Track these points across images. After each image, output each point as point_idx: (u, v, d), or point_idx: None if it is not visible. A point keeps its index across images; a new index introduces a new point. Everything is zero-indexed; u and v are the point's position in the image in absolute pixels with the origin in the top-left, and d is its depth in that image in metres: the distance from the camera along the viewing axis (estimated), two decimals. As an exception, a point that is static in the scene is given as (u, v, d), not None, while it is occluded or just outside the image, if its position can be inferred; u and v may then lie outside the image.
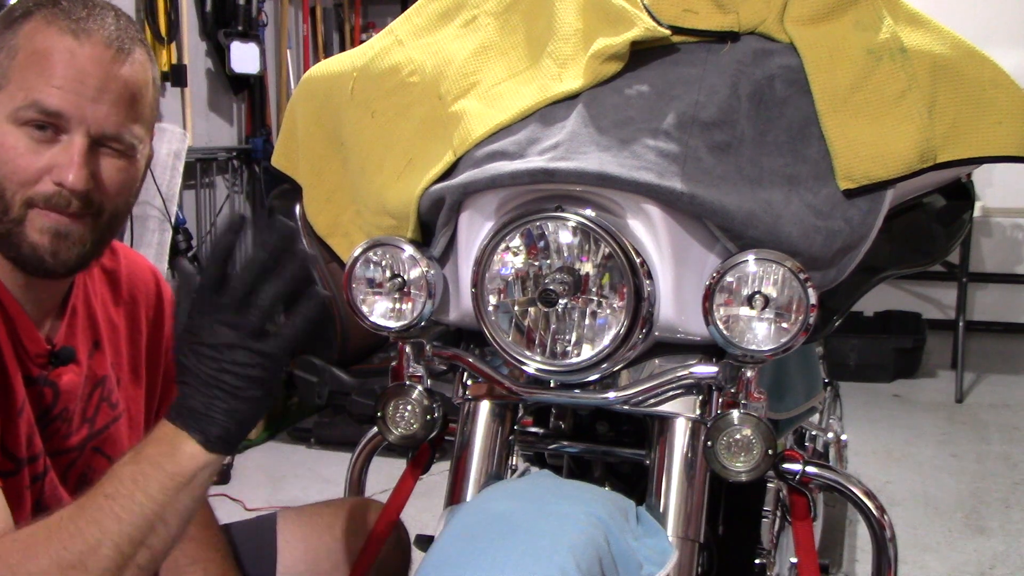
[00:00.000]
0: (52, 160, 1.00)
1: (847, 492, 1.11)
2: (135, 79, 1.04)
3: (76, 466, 1.13)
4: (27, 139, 1.00)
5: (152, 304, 1.25)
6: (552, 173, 1.00)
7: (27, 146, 1.00)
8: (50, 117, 0.99)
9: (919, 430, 3.72)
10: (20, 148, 1.00)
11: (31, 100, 0.99)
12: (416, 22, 1.23)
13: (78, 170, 1.00)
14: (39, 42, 1.00)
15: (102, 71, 1.01)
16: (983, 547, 2.71)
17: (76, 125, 1.01)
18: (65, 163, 1.00)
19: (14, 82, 0.99)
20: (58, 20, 1.00)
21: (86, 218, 1.03)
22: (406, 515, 1.26)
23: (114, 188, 1.05)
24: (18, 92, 0.99)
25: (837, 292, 1.08)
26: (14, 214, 1.01)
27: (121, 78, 1.02)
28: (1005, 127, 1.06)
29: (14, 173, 1.00)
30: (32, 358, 1.06)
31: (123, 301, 1.21)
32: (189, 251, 3.88)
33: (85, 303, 1.15)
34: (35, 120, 0.99)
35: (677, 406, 1.06)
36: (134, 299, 1.22)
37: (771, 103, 1.05)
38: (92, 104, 1.01)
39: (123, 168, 1.05)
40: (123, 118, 1.03)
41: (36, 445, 1.06)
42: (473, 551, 0.91)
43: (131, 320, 1.21)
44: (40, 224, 1.01)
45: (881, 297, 4.84)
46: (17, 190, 1.00)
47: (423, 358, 1.16)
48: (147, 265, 1.27)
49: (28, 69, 0.99)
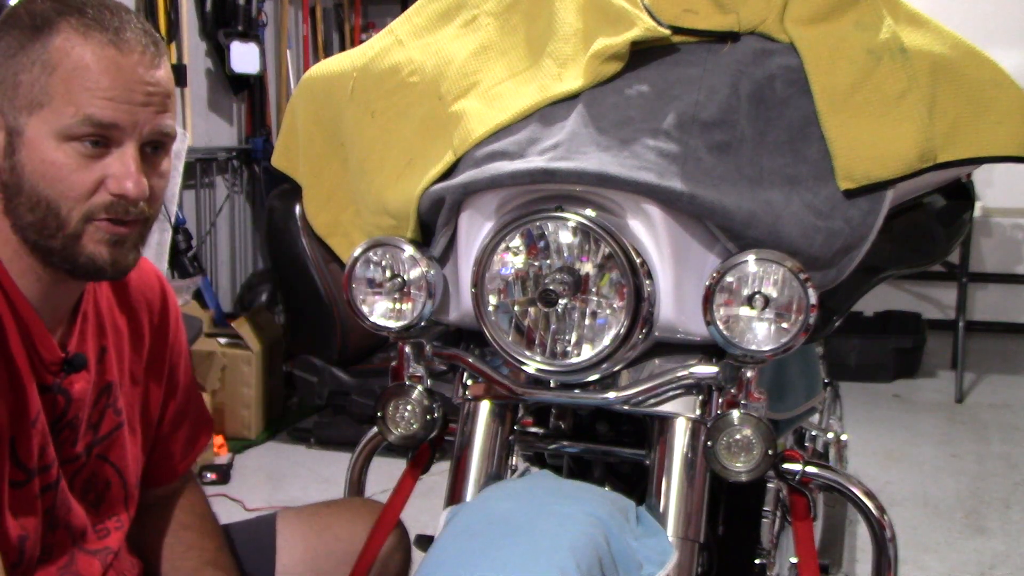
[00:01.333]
0: (105, 171, 1.01)
1: (847, 492, 1.11)
2: (169, 78, 1.06)
3: (82, 473, 1.13)
4: (77, 154, 1.00)
5: (157, 310, 1.25)
6: (552, 173, 1.00)
7: (79, 162, 1.00)
8: (104, 130, 1.00)
9: (919, 430, 3.72)
10: (72, 164, 1.00)
11: (84, 115, 0.98)
12: (416, 22, 1.23)
13: (137, 177, 1.01)
14: (78, 56, 0.99)
15: (145, 76, 1.02)
16: (983, 547, 2.71)
17: (128, 134, 1.01)
18: (122, 173, 1.01)
19: (58, 98, 0.98)
20: (93, 32, 1.00)
21: (138, 224, 1.05)
22: (406, 515, 1.26)
23: (158, 193, 1.07)
24: (66, 108, 0.98)
25: (837, 292, 1.08)
26: (71, 229, 1.01)
27: (162, 81, 1.04)
28: (1005, 127, 1.06)
29: (70, 189, 1.00)
30: (47, 366, 1.06)
31: (128, 306, 1.21)
32: (189, 251, 3.88)
33: (94, 308, 1.15)
34: (89, 134, 0.99)
35: (677, 406, 1.06)
36: (139, 304, 1.22)
37: (771, 103, 1.05)
38: (142, 109, 1.01)
39: (164, 170, 1.08)
40: (167, 117, 1.05)
41: (49, 455, 1.06)
42: (473, 551, 0.91)
43: (134, 325, 1.21)
44: (99, 236, 1.02)
45: (881, 297, 4.84)
46: (74, 206, 1.00)
47: (423, 358, 1.16)
48: (153, 271, 1.27)
49: (73, 83, 0.98)
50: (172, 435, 1.31)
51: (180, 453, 1.32)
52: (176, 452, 1.32)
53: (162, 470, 1.31)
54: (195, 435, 1.35)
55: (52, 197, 1.00)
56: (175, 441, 1.31)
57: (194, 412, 1.35)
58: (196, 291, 3.75)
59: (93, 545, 1.15)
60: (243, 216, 4.61)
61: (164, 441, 1.30)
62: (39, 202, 1.00)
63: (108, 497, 1.17)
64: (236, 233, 4.57)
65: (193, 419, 1.34)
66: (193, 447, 1.34)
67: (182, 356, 1.31)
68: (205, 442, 1.37)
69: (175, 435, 1.31)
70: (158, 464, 1.30)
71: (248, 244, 4.67)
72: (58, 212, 1.00)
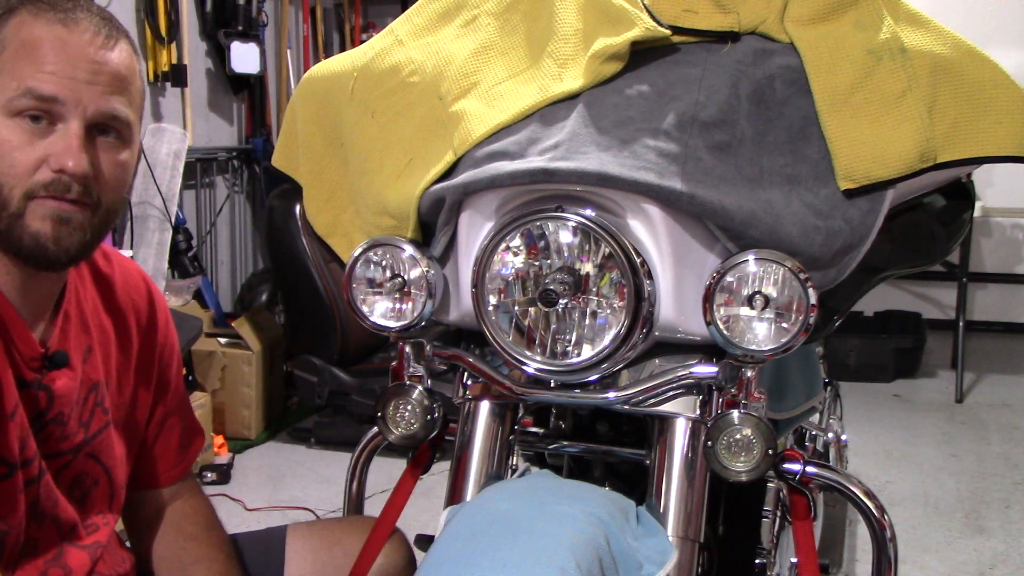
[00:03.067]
0: (48, 148, 1.00)
1: (847, 492, 1.11)
2: (124, 64, 1.05)
3: (70, 469, 1.13)
4: (21, 131, 0.99)
5: (144, 311, 1.25)
6: (552, 173, 1.00)
7: (21, 138, 0.99)
8: (45, 103, 0.99)
9: (919, 430, 3.72)
10: (15, 140, 0.99)
11: (24, 88, 0.98)
12: (416, 22, 1.23)
13: (78, 154, 1.00)
14: (27, 33, 1.00)
15: (93, 55, 1.01)
16: (983, 547, 2.71)
17: (71, 110, 1.00)
18: (63, 149, 1.00)
19: (5, 73, 0.99)
20: (45, 12, 1.01)
21: (86, 207, 1.03)
22: (406, 515, 1.25)
23: (111, 180, 1.05)
24: (10, 82, 0.99)
25: (837, 292, 1.08)
26: (13, 208, 1.00)
27: (112, 62, 1.03)
28: (1005, 127, 1.06)
29: (11, 167, 0.99)
30: (26, 361, 1.06)
31: (114, 307, 1.21)
32: (189, 251, 3.88)
33: (78, 308, 1.15)
34: (30, 108, 0.99)
35: (677, 406, 1.06)
36: (125, 306, 1.22)
37: (771, 103, 1.05)
38: (86, 87, 1.01)
39: (119, 159, 1.06)
40: (115, 99, 1.03)
41: (30, 448, 1.06)
42: (473, 551, 0.91)
43: (121, 326, 1.21)
44: (41, 212, 1.00)
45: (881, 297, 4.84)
46: (16, 184, 0.99)
47: (423, 358, 1.16)
48: (139, 272, 1.27)
49: (19, 60, 0.99)
50: (162, 437, 1.30)
51: (173, 457, 1.32)
52: (168, 455, 1.31)
53: (154, 472, 1.30)
54: (188, 439, 1.34)
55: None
56: (167, 443, 1.31)
57: (185, 416, 1.34)
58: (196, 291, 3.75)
59: (83, 540, 1.15)
60: (243, 216, 4.61)
61: (154, 442, 1.29)
62: None
63: (94, 494, 1.17)
64: (236, 233, 4.57)
65: (184, 422, 1.34)
66: (186, 452, 1.34)
67: (173, 357, 1.30)
68: (198, 448, 1.37)
69: (166, 437, 1.31)
70: (149, 466, 1.30)
71: (248, 244, 4.67)
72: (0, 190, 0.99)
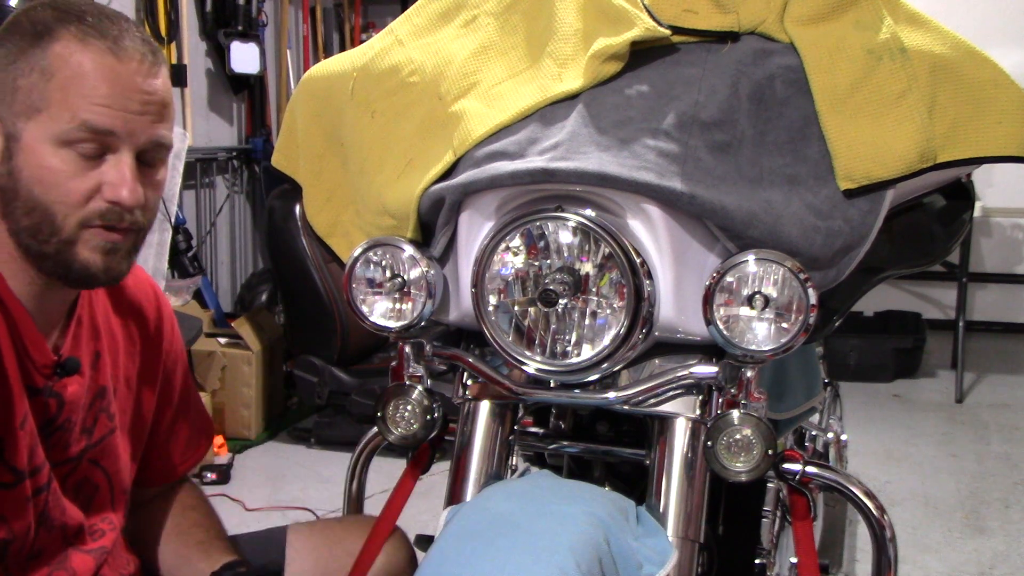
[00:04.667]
0: (101, 178, 1.01)
1: (847, 492, 1.11)
2: (167, 90, 1.06)
3: (74, 475, 1.14)
4: (73, 160, 1.00)
5: (151, 318, 1.25)
6: (552, 173, 1.00)
7: (74, 167, 1.00)
8: (100, 136, 1.00)
9: (919, 430, 3.72)
10: (68, 170, 1.00)
11: (80, 120, 0.99)
12: (416, 22, 1.23)
13: (133, 185, 1.02)
14: (76, 62, 0.99)
15: (142, 85, 1.02)
16: (983, 547, 2.71)
17: (123, 142, 1.01)
18: (118, 181, 1.01)
19: (56, 104, 0.99)
20: (92, 39, 1.00)
21: (131, 233, 1.05)
22: (406, 515, 1.25)
23: (152, 202, 1.07)
24: (62, 113, 0.99)
25: (837, 292, 1.08)
26: (66, 235, 1.01)
27: (159, 91, 1.04)
28: (1005, 127, 1.06)
29: (66, 195, 1.00)
30: (39, 368, 1.06)
31: (123, 312, 1.22)
32: (189, 251, 3.88)
33: (89, 313, 1.15)
34: (85, 140, 1.00)
35: (677, 406, 1.06)
36: (133, 311, 1.23)
37: (771, 103, 1.05)
38: (139, 118, 1.02)
39: (156, 179, 1.08)
40: (161, 127, 1.05)
41: (38, 457, 1.06)
42: (473, 551, 0.91)
43: (128, 331, 1.22)
44: (93, 243, 1.02)
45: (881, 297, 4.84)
46: (70, 212, 1.01)
47: (423, 358, 1.16)
48: (147, 279, 1.28)
49: (70, 90, 0.99)
50: (168, 440, 1.31)
51: (179, 457, 1.33)
52: (174, 456, 1.33)
53: (160, 473, 1.32)
54: (194, 440, 1.35)
55: (48, 203, 1.00)
56: (173, 445, 1.32)
57: (193, 418, 1.35)
58: (196, 291, 3.75)
59: (88, 545, 1.15)
60: (243, 216, 4.61)
61: (161, 446, 1.30)
62: (35, 207, 1.00)
63: (96, 499, 1.18)
64: (236, 233, 4.57)
65: (192, 425, 1.35)
66: (193, 451, 1.35)
67: (178, 364, 1.31)
68: (205, 447, 1.38)
69: (172, 440, 1.32)
70: (155, 467, 1.31)
71: (248, 244, 4.67)
72: (53, 218, 1.00)
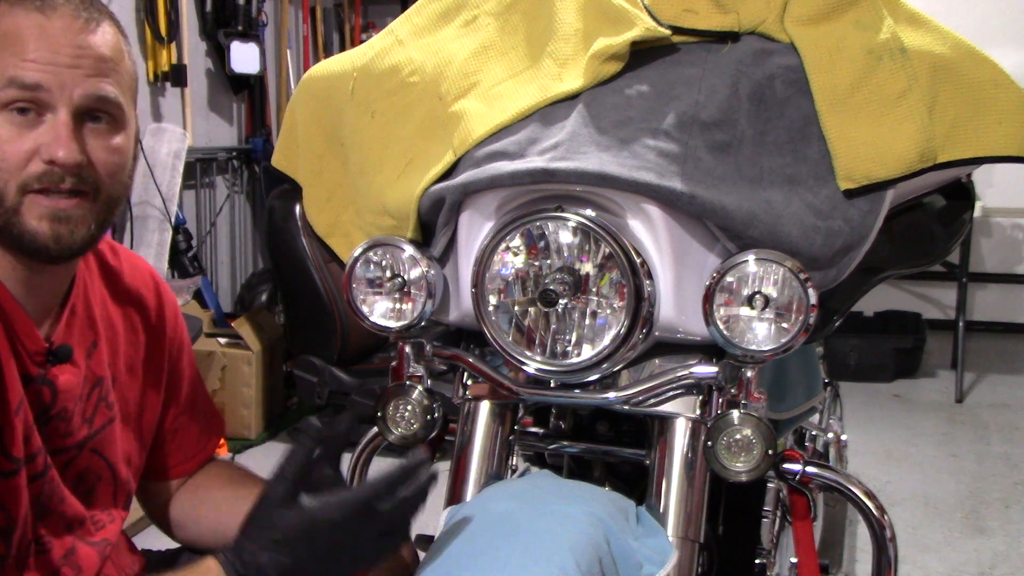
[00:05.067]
0: (38, 140, 0.99)
1: (847, 492, 1.11)
2: (108, 44, 1.03)
3: (74, 464, 1.13)
4: (9, 124, 0.98)
5: (152, 306, 1.25)
6: (552, 173, 1.00)
7: (10, 131, 0.98)
8: (30, 92, 0.98)
9: (919, 430, 3.72)
10: (3, 134, 0.98)
11: (7, 78, 0.97)
12: (416, 22, 1.23)
13: (67, 143, 0.98)
14: (6, 24, 0.98)
15: (74, 40, 1.00)
16: (983, 547, 2.71)
17: (57, 98, 0.99)
18: (52, 139, 0.98)
19: None
20: (22, 1, 0.99)
21: (83, 198, 1.02)
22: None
23: (106, 166, 1.04)
24: None
25: (837, 292, 1.08)
26: (9, 202, 0.99)
27: (94, 44, 1.01)
28: (1005, 127, 1.06)
29: (2, 160, 0.98)
30: (31, 356, 1.06)
31: (122, 301, 1.21)
32: (189, 251, 3.88)
33: (85, 303, 1.15)
34: (15, 99, 0.98)
35: (677, 406, 1.06)
36: (133, 300, 1.22)
37: (771, 103, 1.05)
38: (69, 71, 0.99)
39: (112, 144, 1.04)
40: (102, 81, 1.02)
41: (34, 444, 1.06)
42: (473, 551, 0.91)
43: (129, 321, 1.21)
44: (38, 211, 0.99)
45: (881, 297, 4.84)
46: (9, 177, 0.98)
47: (423, 358, 1.16)
48: (147, 268, 1.27)
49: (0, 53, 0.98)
50: (180, 431, 1.31)
51: (191, 449, 1.33)
52: (185, 448, 1.32)
53: (169, 465, 1.31)
54: (206, 432, 1.35)
55: None
56: (183, 436, 1.32)
57: (203, 409, 1.35)
58: (196, 291, 3.75)
59: (92, 536, 1.15)
60: (243, 216, 4.61)
61: (171, 436, 1.30)
62: None
63: (99, 490, 1.17)
64: (236, 233, 4.57)
65: (202, 416, 1.34)
66: (204, 443, 1.35)
67: (183, 352, 1.31)
68: (217, 441, 1.37)
69: (184, 430, 1.31)
70: (164, 459, 1.30)
71: (248, 244, 4.67)
72: None
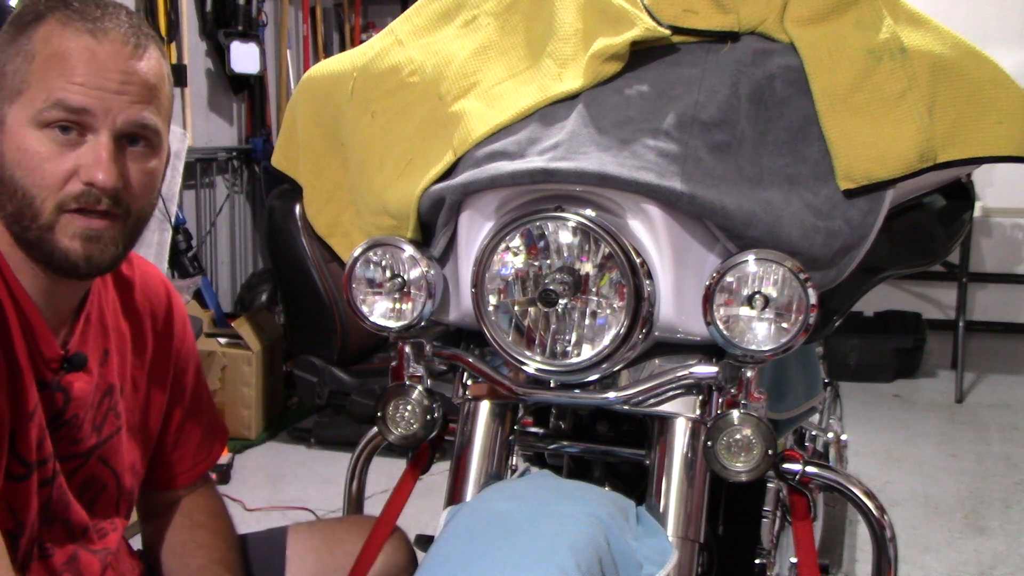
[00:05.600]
0: (79, 160, 1.00)
1: (847, 492, 1.11)
2: (153, 72, 1.04)
3: (82, 472, 1.14)
4: (51, 142, 0.99)
5: (161, 316, 1.25)
6: (552, 173, 1.00)
7: (52, 150, 0.99)
8: (74, 115, 0.99)
9: (919, 430, 3.72)
10: (45, 152, 0.99)
11: (54, 99, 0.98)
12: (416, 22, 1.23)
13: (108, 167, 1.00)
14: (56, 44, 0.99)
15: (123, 65, 1.01)
16: (983, 547, 2.71)
17: (101, 122, 1.00)
18: (93, 161, 0.99)
19: (34, 86, 0.99)
20: (73, 21, 1.00)
21: (115, 219, 1.03)
22: (406, 515, 1.26)
23: (140, 188, 1.05)
24: (39, 94, 0.98)
25: (837, 292, 1.08)
26: (44, 220, 1.00)
27: (141, 71, 1.03)
28: (1005, 127, 1.06)
29: (42, 178, 0.99)
30: (47, 362, 1.06)
31: (132, 311, 1.21)
32: (189, 251, 3.88)
33: (99, 311, 1.15)
34: (60, 120, 0.99)
35: (677, 406, 1.06)
36: (143, 310, 1.22)
37: (771, 103, 1.05)
38: (116, 97, 1.00)
39: (147, 167, 1.06)
40: (145, 108, 1.03)
41: (46, 449, 1.06)
42: (473, 551, 0.91)
43: (137, 330, 1.21)
44: (72, 229, 1.01)
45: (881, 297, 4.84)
46: (47, 195, 1.00)
47: (423, 358, 1.16)
48: (160, 276, 1.28)
49: (48, 71, 0.99)
50: (180, 441, 1.31)
51: (191, 459, 1.32)
52: (186, 458, 1.32)
53: (171, 475, 1.31)
54: (208, 441, 1.34)
55: (27, 186, 0.99)
56: (184, 446, 1.31)
57: (206, 418, 1.34)
58: (196, 291, 3.75)
59: (95, 544, 1.15)
60: (243, 216, 4.61)
61: (172, 447, 1.30)
62: (16, 191, 1.00)
63: (103, 498, 1.18)
64: (236, 233, 4.57)
65: (205, 425, 1.34)
66: (207, 454, 1.34)
67: (190, 363, 1.30)
68: (220, 449, 1.37)
69: (184, 441, 1.31)
70: (166, 469, 1.30)
71: (248, 244, 4.67)
72: (32, 202, 0.99)
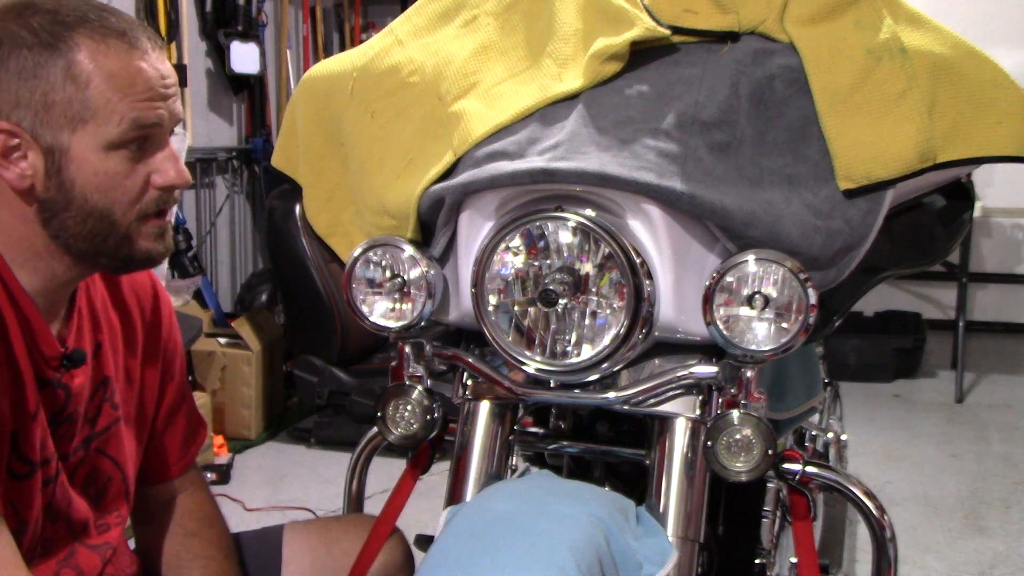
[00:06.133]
0: (150, 168, 1.05)
1: (847, 492, 1.11)
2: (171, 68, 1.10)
3: (82, 467, 1.14)
4: (127, 160, 1.03)
5: (149, 307, 1.26)
6: (552, 173, 1.00)
7: (128, 167, 1.04)
8: (148, 130, 1.04)
9: (919, 430, 3.72)
10: (123, 171, 1.03)
11: (130, 120, 1.01)
12: (416, 22, 1.23)
13: (181, 168, 1.07)
14: (105, 64, 1.01)
15: (162, 71, 1.06)
16: (983, 547, 2.71)
17: (164, 128, 1.06)
18: (169, 166, 1.06)
19: (100, 111, 1.00)
20: (110, 39, 1.02)
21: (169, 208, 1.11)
22: (406, 515, 1.26)
23: None
24: (111, 118, 1.01)
25: (837, 292, 1.08)
26: (124, 231, 1.05)
27: (170, 72, 1.08)
28: (1005, 127, 1.06)
29: (123, 195, 1.04)
30: (47, 360, 1.07)
31: (120, 302, 1.22)
32: (189, 251, 3.88)
33: (88, 304, 1.15)
34: (136, 139, 1.03)
35: (677, 406, 1.06)
36: (131, 301, 1.23)
37: (771, 103, 1.05)
38: (167, 102, 1.06)
39: None
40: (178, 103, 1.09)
41: (49, 448, 1.07)
42: (473, 551, 0.91)
43: (127, 321, 1.22)
44: (150, 232, 1.07)
45: (881, 297, 4.84)
46: (127, 208, 1.05)
47: (423, 358, 1.16)
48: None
49: (110, 94, 1.00)
50: (167, 431, 1.31)
51: (177, 450, 1.33)
52: (173, 448, 1.32)
53: (159, 467, 1.31)
54: (191, 433, 1.35)
55: (107, 206, 1.04)
56: (171, 437, 1.32)
57: (188, 409, 1.35)
58: (196, 291, 3.75)
59: (94, 540, 1.16)
60: (243, 216, 4.61)
61: (160, 437, 1.30)
62: (92, 213, 1.03)
63: (109, 492, 1.18)
64: (236, 233, 4.57)
65: (187, 416, 1.34)
66: (190, 445, 1.34)
67: (177, 353, 1.31)
68: (202, 440, 1.37)
69: (170, 431, 1.31)
70: (154, 460, 1.30)
71: (248, 244, 4.67)
72: (112, 218, 1.04)
